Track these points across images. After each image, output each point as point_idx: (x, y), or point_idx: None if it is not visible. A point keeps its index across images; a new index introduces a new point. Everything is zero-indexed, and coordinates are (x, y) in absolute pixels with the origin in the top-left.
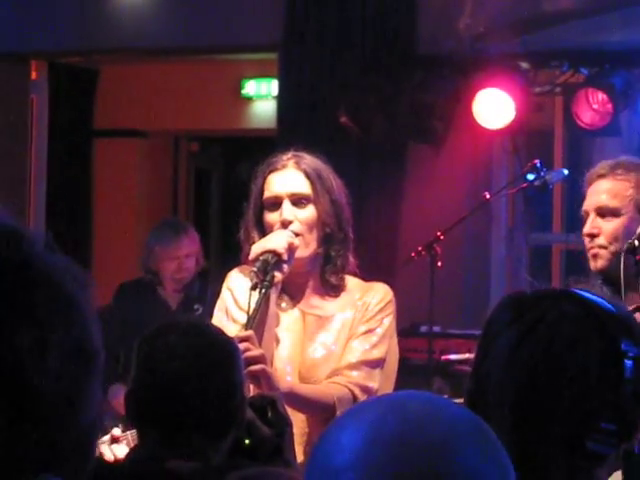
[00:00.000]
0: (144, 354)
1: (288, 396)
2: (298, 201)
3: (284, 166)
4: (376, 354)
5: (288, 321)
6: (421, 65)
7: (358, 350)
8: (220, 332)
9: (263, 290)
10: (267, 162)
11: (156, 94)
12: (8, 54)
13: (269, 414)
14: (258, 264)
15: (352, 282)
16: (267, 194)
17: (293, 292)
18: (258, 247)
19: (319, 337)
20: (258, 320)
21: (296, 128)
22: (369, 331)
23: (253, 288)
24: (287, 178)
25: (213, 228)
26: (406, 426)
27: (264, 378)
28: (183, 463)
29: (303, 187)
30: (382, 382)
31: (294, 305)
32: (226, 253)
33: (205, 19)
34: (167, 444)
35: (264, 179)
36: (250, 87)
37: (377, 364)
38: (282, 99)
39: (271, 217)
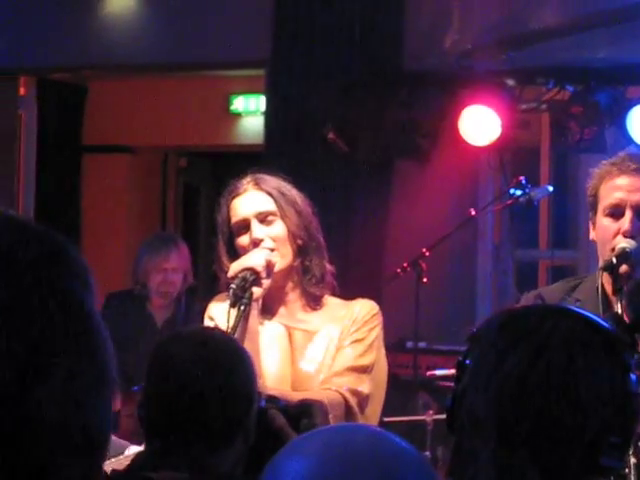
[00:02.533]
0: (149, 366)
1: (270, 399)
2: (265, 219)
3: (245, 190)
4: (363, 361)
5: (273, 337)
6: (407, 82)
7: (346, 358)
8: (227, 339)
9: (242, 307)
10: (227, 190)
11: (145, 110)
12: None
13: (303, 422)
14: (237, 281)
15: (334, 301)
16: (234, 219)
17: (276, 308)
18: (237, 265)
19: (308, 351)
20: (239, 336)
21: (283, 144)
22: (356, 341)
23: (232, 305)
24: (250, 200)
25: (201, 243)
26: (351, 456)
27: None
28: (170, 474)
29: (267, 205)
30: (372, 389)
31: (278, 321)
32: (214, 269)
33: (193, 35)
34: (164, 454)
35: (228, 206)
36: (239, 103)
37: (364, 370)
38: (269, 115)
39: (242, 240)
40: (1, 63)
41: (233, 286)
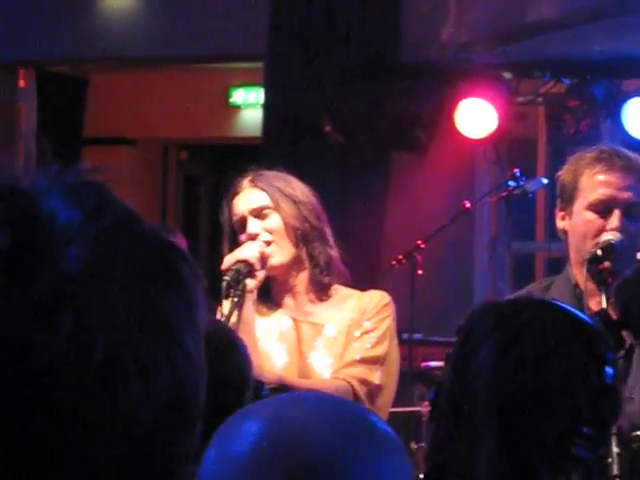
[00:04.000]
0: None
1: (279, 388)
2: (260, 213)
3: (242, 188)
4: (374, 352)
5: (280, 331)
6: (404, 74)
7: (356, 350)
8: (218, 328)
9: (235, 299)
10: (229, 191)
11: (145, 102)
12: None
13: None
14: (230, 274)
15: (344, 291)
16: (234, 218)
17: (284, 300)
18: (230, 257)
19: (316, 344)
20: (233, 328)
21: (281, 137)
22: (366, 332)
23: (226, 297)
24: (245, 197)
25: (202, 235)
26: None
27: None
28: None
29: (261, 200)
30: (384, 380)
31: (286, 314)
32: (215, 260)
33: (193, 28)
34: None
35: (229, 206)
36: (238, 95)
37: (377, 361)
38: (267, 108)
39: (242, 237)
40: (0, 55)
41: (227, 278)
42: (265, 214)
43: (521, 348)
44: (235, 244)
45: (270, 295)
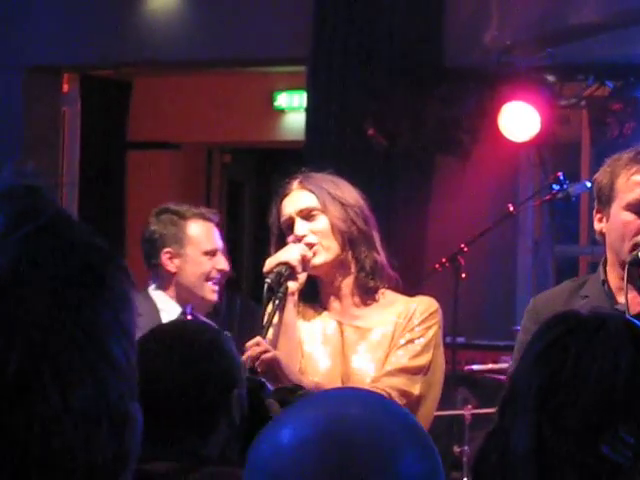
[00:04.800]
0: None
1: (292, 389)
2: (308, 215)
3: (291, 189)
4: (418, 362)
5: (325, 334)
6: (448, 78)
7: (399, 358)
8: (201, 329)
9: (277, 301)
10: (278, 192)
11: (189, 106)
12: (40, 67)
13: None
14: (272, 276)
15: (392, 296)
16: (282, 219)
17: (330, 303)
18: (272, 260)
19: (360, 348)
20: (275, 331)
21: (324, 140)
22: (411, 341)
23: (268, 300)
24: (294, 198)
25: (245, 240)
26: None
27: (279, 370)
28: (162, 464)
29: (309, 201)
30: (426, 390)
31: (332, 317)
32: (258, 265)
33: (237, 32)
34: (151, 445)
35: (278, 208)
36: (282, 99)
37: (419, 371)
38: (311, 111)
39: (289, 239)
40: (44, 60)
41: (268, 280)
42: (313, 215)
43: (568, 340)
44: (283, 246)
45: (317, 298)
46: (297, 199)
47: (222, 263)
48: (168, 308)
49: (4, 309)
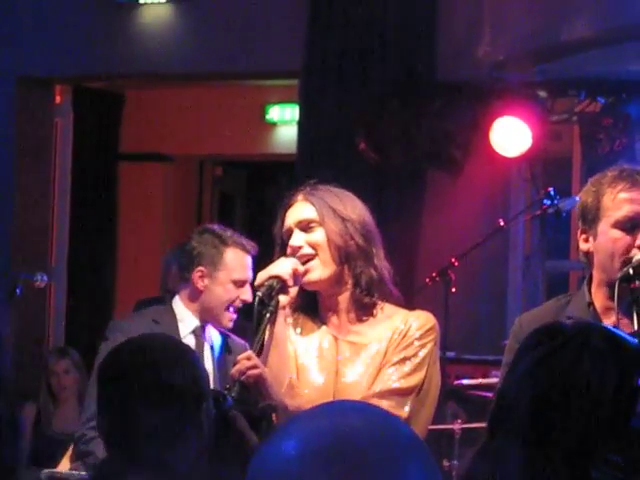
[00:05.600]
0: (98, 377)
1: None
2: (306, 227)
3: (295, 201)
4: (408, 383)
5: (320, 348)
6: (440, 92)
7: (389, 378)
8: (165, 342)
9: (267, 315)
10: (283, 203)
11: (181, 119)
12: (33, 78)
13: (263, 424)
14: (263, 289)
15: (390, 310)
16: (283, 229)
17: (328, 317)
18: (263, 273)
19: (354, 364)
20: (266, 344)
21: (316, 154)
22: (404, 359)
23: (258, 313)
24: (296, 210)
25: None
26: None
27: (263, 388)
28: (138, 477)
29: (308, 213)
30: (417, 409)
31: (328, 331)
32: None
33: (229, 45)
34: (126, 459)
35: (282, 218)
36: (274, 112)
37: (409, 392)
38: (303, 125)
39: (288, 250)
40: (37, 71)
41: (259, 294)
42: (311, 227)
43: (555, 362)
44: (285, 256)
45: (317, 311)
46: (298, 211)
47: (247, 294)
48: (187, 320)
49: None
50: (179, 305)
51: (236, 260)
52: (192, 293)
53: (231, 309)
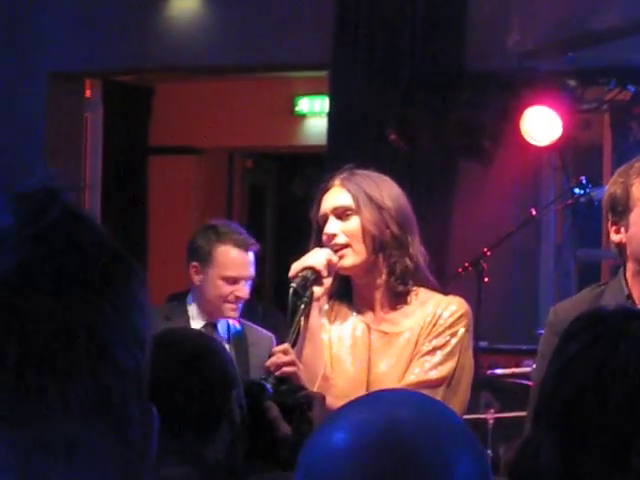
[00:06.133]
0: None
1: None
2: (342, 214)
3: (332, 186)
4: (439, 374)
5: (353, 337)
6: (469, 82)
7: (419, 370)
8: (193, 335)
9: (302, 306)
10: (320, 187)
11: (211, 111)
12: (63, 73)
13: (296, 415)
14: (297, 280)
15: (427, 295)
16: (319, 215)
17: (361, 306)
18: (297, 264)
19: (386, 354)
20: (301, 335)
21: (345, 145)
22: (434, 349)
23: (292, 305)
24: (332, 195)
25: (267, 244)
26: (393, 430)
27: (297, 382)
28: (174, 468)
29: (344, 200)
30: (449, 399)
31: (362, 320)
32: (280, 269)
33: (258, 37)
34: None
35: (318, 203)
36: (303, 104)
37: (440, 382)
38: (332, 116)
39: (323, 236)
40: (67, 66)
41: (293, 285)
42: (347, 215)
43: (595, 351)
44: (321, 242)
45: (351, 298)
46: (334, 197)
47: (242, 291)
48: (197, 317)
49: (6, 307)
50: (191, 301)
51: (226, 257)
52: (193, 288)
53: (227, 303)
